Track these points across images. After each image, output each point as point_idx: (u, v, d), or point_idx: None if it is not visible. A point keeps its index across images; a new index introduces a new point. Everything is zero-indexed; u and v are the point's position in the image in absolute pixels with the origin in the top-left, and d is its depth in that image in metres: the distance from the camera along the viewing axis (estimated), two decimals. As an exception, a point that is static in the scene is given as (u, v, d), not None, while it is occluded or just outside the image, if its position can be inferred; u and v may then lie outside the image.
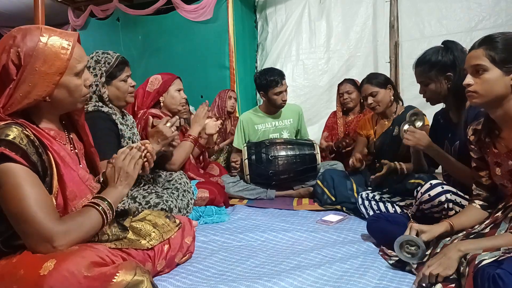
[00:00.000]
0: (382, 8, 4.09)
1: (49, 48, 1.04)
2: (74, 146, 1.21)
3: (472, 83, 1.31)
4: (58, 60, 1.05)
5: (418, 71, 1.84)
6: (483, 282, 1.01)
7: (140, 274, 0.94)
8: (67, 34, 1.10)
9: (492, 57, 1.26)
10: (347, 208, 2.32)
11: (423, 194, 1.63)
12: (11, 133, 0.98)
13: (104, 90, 1.81)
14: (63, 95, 1.10)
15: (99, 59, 1.84)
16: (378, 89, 2.37)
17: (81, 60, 1.12)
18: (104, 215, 1.11)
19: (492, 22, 3.65)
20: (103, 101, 1.82)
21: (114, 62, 1.84)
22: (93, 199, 1.13)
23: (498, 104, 1.30)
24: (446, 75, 1.75)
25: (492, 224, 1.34)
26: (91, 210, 1.10)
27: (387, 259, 1.54)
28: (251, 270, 1.47)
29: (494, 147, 1.37)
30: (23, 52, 1.02)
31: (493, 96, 1.28)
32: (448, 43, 1.79)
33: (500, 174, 1.34)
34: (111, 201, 1.14)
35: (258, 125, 3.04)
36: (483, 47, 1.28)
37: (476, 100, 1.32)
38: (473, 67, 1.31)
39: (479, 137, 1.43)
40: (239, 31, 4.39)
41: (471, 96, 1.32)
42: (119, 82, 1.85)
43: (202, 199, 2.22)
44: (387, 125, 2.45)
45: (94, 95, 1.81)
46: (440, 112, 1.98)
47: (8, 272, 0.97)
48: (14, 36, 1.04)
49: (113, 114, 1.82)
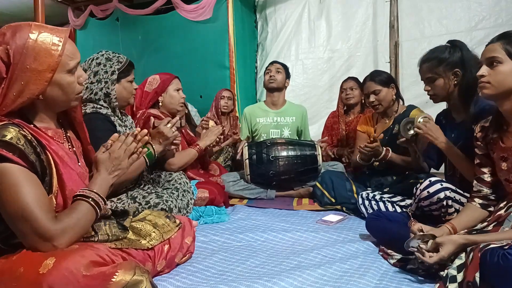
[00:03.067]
0: (382, 8, 4.09)
1: (39, 44, 1.03)
2: (72, 145, 1.21)
3: (485, 74, 1.33)
4: (49, 56, 1.04)
5: (425, 67, 1.83)
6: (492, 259, 1.01)
7: (140, 274, 0.94)
8: (58, 31, 1.08)
9: (508, 51, 1.29)
10: (347, 208, 2.32)
11: (422, 191, 1.63)
12: (8, 133, 0.97)
13: (113, 87, 1.83)
14: (56, 92, 1.08)
15: (110, 57, 1.86)
16: (381, 88, 2.36)
17: (73, 57, 1.10)
18: (96, 206, 1.09)
19: (492, 22, 3.64)
20: (109, 99, 1.83)
21: (125, 62, 1.89)
22: (81, 191, 1.10)
23: (508, 96, 1.32)
24: (454, 71, 1.75)
25: (495, 222, 1.34)
26: (83, 204, 1.07)
27: (387, 258, 1.54)
28: (251, 270, 1.46)
29: (501, 142, 1.38)
30: (12, 50, 1.01)
31: (504, 88, 1.31)
32: (455, 41, 1.81)
33: (506, 168, 1.36)
34: (99, 191, 1.11)
35: (259, 118, 3.07)
36: (501, 41, 1.32)
37: (487, 91, 1.34)
38: (488, 59, 1.34)
39: (486, 134, 1.45)
40: (239, 31, 4.39)
41: (483, 86, 1.35)
42: (126, 83, 1.90)
43: (202, 199, 2.22)
44: (387, 124, 2.44)
45: (100, 92, 1.81)
46: (442, 113, 1.98)
47: (8, 269, 0.97)
48: (4, 34, 1.03)
49: (111, 116, 1.82)
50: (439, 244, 1.25)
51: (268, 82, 3.05)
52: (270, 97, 3.10)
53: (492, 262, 1.01)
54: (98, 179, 1.14)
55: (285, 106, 3.11)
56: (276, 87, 3.05)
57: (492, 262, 1.01)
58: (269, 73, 3.05)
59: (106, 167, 1.15)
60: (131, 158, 1.19)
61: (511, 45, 1.30)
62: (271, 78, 3.03)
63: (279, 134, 3.06)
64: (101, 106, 1.81)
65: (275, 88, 3.05)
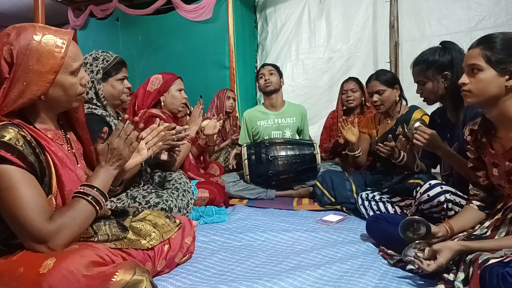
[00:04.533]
0: (382, 8, 4.09)
1: (42, 46, 1.03)
2: (71, 146, 1.20)
3: (467, 82, 1.30)
4: (52, 58, 1.04)
5: (415, 71, 1.84)
6: (492, 279, 1.00)
7: (139, 274, 0.94)
8: (62, 32, 1.08)
9: (487, 57, 1.25)
10: (347, 208, 2.32)
11: (422, 194, 1.63)
12: (7, 134, 0.97)
13: (99, 87, 1.83)
14: (58, 93, 1.09)
15: (97, 56, 1.86)
16: (385, 88, 2.35)
17: (76, 59, 1.10)
18: (96, 203, 1.08)
19: (492, 22, 3.65)
20: (98, 98, 1.83)
21: (112, 61, 1.86)
22: (81, 187, 1.09)
23: (492, 104, 1.29)
24: (443, 74, 1.75)
25: (492, 226, 1.33)
26: (81, 202, 1.06)
27: (387, 258, 1.54)
28: (251, 270, 1.46)
29: (491, 148, 1.36)
30: (16, 50, 1.01)
31: (487, 96, 1.27)
32: (446, 43, 1.80)
33: (498, 174, 1.34)
34: (100, 186, 1.10)
35: (260, 121, 3.06)
36: (480, 46, 1.28)
37: (470, 100, 1.32)
38: (469, 67, 1.30)
39: (476, 137, 1.42)
40: (239, 31, 4.39)
41: (466, 95, 1.32)
42: (115, 81, 1.88)
43: (202, 199, 2.22)
44: (390, 124, 2.43)
45: (90, 91, 1.82)
46: (437, 112, 1.97)
47: (8, 270, 0.97)
48: (8, 34, 1.04)
49: (107, 116, 1.82)
50: (436, 251, 1.25)
51: (265, 86, 3.03)
52: (269, 100, 3.08)
53: (492, 283, 1.00)
54: (100, 171, 1.13)
55: (284, 107, 3.10)
56: (273, 89, 3.04)
57: (492, 283, 1.00)
58: (263, 77, 3.03)
59: (106, 158, 1.15)
60: (131, 146, 1.18)
61: (491, 51, 1.25)
62: (267, 82, 3.01)
63: (280, 136, 3.06)
64: (96, 107, 1.81)
65: (272, 91, 3.05)
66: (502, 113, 1.28)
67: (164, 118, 2.33)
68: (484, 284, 1.03)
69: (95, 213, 1.09)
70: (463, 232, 1.40)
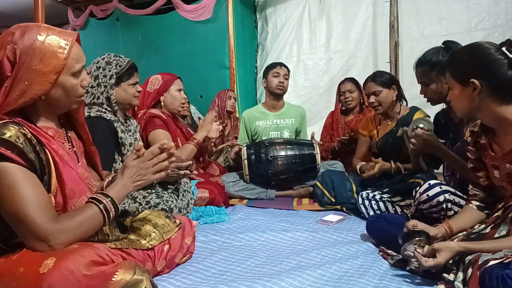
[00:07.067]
0: (382, 8, 4.10)
1: (46, 47, 1.04)
2: (72, 145, 1.21)
3: (451, 99, 1.38)
4: (55, 59, 1.05)
5: (419, 72, 1.84)
6: (491, 281, 1.00)
7: (140, 273, 0.94)
8: (66, 34, 1.09)
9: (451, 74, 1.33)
10: (347, 208, 2.32)
11: (421, 194, 1.63)
12: (7, 131, 0.98)
13: (112, 92, 1.83)
14: (59, 94, 1.09)
15: (110, 60, 1.86)
16: (382, 89, 2.35)
17: (79, 60, 1.11)
18: (106, 213, 1.09)
19: (491, 22, 3.65)
20: (110, 103, 1.83)
21: (125, 65, 1.88)
22: (96, 195, 1.10)
23: (478, 113, 1.31)
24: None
25: (492, 224, 1.33)
26: (92, 208, 1.08)
27: (387, 258, 1.54)
28: (251, 270, 1.46)
29: (491, 150, 1.36)
30: (19, 50, 1.02)
31: (467, 110, 1.33)
32: (449, 43, 1.79)
33: (499, 176, 1.34)
34: (114, 197, 1.12)
35: (259, 121, 3.05)
36: (447, 67, 1.36)
37: (458, 115, 1.40)
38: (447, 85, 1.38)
39: (476, 139, 1.43)
40: (239, 31, 4.39)
41: (453, 112, 1.40)
42: (127, 86, 1.89)
43: (202, 199, 2.22)
44: (390, 125, 2.43)
45: (102, 96, 1.82)
46: (441, 113, 1.97)
47: (8, 269, 0.97)
48: (13, 33, 1.04)
49: (115, 122, 1.82)
50: (436, 250, 1.25)
51: (277, 87, 2.96)
52: (272, 101, 3.05)
53: (492, 285, 0.99)
54: (119, 184, 1.15)
55: (284, 108, 3.09)
56: (283, 93, 3.03)
57: (491, 286, 0.99)
58: (278, 77, 2.95)
59: (131, 173, 1.16)
60: (158, 174, 1.20)
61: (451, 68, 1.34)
62: (281, 85, 2.95)
63: (279, 136, 3.06)
64: (105, 110, 1.82)
65: (281, 94, 3.03)
66: (494, 118, 1.29)
67: (164, 118, 2.33)
68: (484, 286, 1.03)
69: (102, 222, 1.10)
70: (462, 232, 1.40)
